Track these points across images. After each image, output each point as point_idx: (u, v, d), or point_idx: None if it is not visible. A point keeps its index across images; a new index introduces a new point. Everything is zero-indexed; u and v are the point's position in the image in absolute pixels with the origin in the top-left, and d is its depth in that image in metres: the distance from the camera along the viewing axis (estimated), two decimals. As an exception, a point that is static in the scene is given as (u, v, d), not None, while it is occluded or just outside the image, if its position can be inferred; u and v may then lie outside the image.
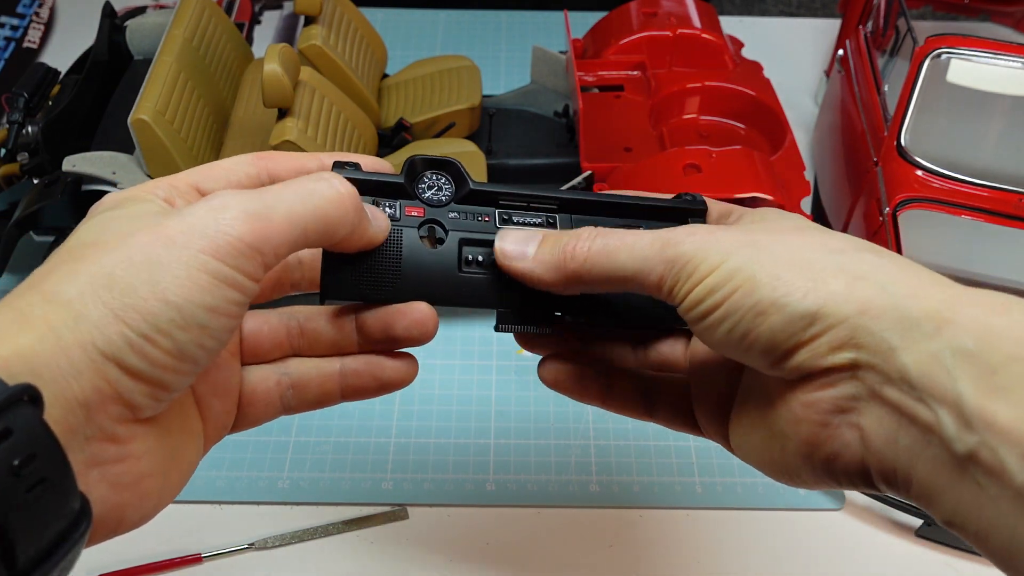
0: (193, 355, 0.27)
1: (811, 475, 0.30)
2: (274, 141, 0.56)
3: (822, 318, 0.27)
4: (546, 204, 0.36)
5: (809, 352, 0.28)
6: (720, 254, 0.29)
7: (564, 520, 0.55)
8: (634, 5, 0.76)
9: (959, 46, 0.59)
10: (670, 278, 0.30)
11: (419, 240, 0.34)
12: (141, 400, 0.26)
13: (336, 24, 0.67)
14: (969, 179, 0.57)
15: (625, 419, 0.59)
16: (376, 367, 0.35)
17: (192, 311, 0.26)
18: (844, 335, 0.27)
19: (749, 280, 0.28)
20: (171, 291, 0.25)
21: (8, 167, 0.63)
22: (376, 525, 0.54)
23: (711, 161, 0.60)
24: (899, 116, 0.59)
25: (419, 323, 0.33)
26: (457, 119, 0.69)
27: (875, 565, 0.53)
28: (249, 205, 0.27)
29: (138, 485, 0.28)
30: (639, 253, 0.31)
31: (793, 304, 0.28)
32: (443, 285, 0.35)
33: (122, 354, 0.25)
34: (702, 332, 0.30)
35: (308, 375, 0.35)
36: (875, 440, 0.27)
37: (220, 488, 0.55)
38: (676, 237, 0.30)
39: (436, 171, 0.35)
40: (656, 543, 0.54)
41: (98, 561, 0.51)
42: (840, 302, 0.27)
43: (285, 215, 0.28)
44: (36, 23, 0.92)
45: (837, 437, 0.28)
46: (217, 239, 0.26)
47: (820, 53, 0.91)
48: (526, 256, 0.33)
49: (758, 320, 0.28)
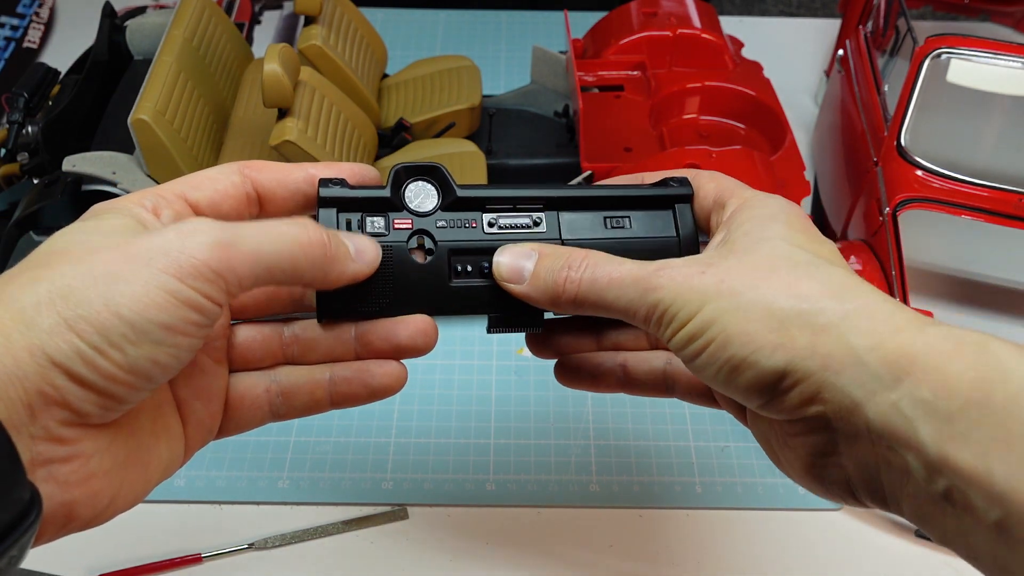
0: (146, 370, 0.27)
1: (811, 488, 0.32)
2: (274, 141, 0.56)
3: (790, 374, 0.29)
4: (531, 204, 0.36)
5: (782, 405, 0.29)
6: (696, 303, 0.30)
7: (564, 520, 0.55)
8: (634, 5, 0.76)
9: (959, 46, 0.59)
10: (653, 321, 0.31)
11: (409, 254, 0.35)
12: (89, 408, 0.27)
13: (336, 24, 0.67)
14: (969, 179, 0.57)
15: (625, 419, 0.59)
16: (366, 374, 0.35)
17: (145, 327, 0.26)
18: (811, 390, 0.28)
19: (722, 334, 0.29)
20: (126, 306, 0.26)
21: (8, 167, 0.63)
22: (376, 525, 0.54)
23: (711, 161, 0.60)
24: (899, 116, 0.59)
25: (422, 332, 0.35)
26: (457, 119, 0.69)
27: (875, 565, 0.53)
28: (219, 233, 0.28)
29: (87, 484, 0.28)
30: (624, 295, 0.32)
31: (762, 362, 0.29)
32: (436, 296, 0.35)
33: (70, 363, 0.26)
34: (694, 371, 0.32)
35: (298, 382, 0.35)
36: (860, 477, 0.29)
37: (220, 488, 0.55)
38: (656, 281, 0.31)
39: (421, 178, 0.36)
40: (656, 543, 0.54)
41: (98, 561, 0.51)
42: (805, 357, 0.28)
43: (252, 249, 0.28)
44: (36, 23, 0.92)
45: (826, 473, 0.30)
46: (180, 260, 0.27)
47: (820, 53, 0.91)
48: (523, 279, 0.34)
49: (734, 374, 0.30)
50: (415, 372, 0.62)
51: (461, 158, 0.65)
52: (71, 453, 0.27)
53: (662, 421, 0.59)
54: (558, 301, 0.33)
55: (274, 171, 0.34)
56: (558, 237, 0.36)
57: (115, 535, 0.53)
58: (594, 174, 0.63)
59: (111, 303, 0.26)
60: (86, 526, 0.29)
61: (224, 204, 0.33)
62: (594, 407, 0.60)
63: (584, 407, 0.60)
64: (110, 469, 0.29)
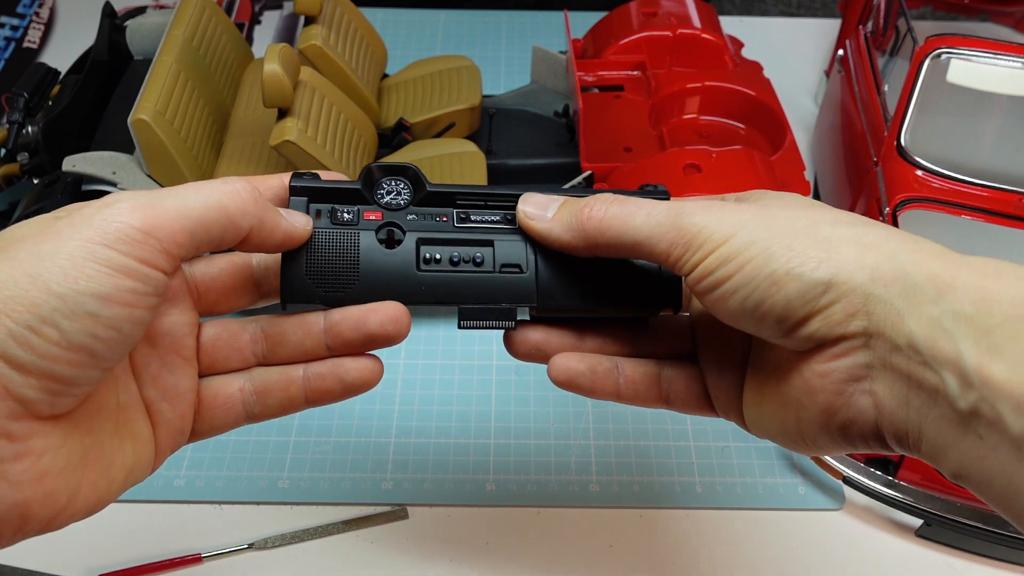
0: (87, 345, 0.26)
1: (827, 441, 0.31)
2: (274, 141, 0.56)
3: (835, 286, 0.29)
4: (503, 202, 0.36)
5: (823, 320, 0.29)
6: (733, 226, 0.30)
7: (564, 520, 0.55)
8: (634, 5, 0.76)
9: (959, 46, 0.59)
10: (680, 246, 0.31)
11: (377, 242, 0.35)
12: (33, 395, 0.26)
13: (336, 24, 0.67)
14: (969, 179, 0.57)
15: (625, 419, 0.59)
16: (340, 369, 0.35)
17: (77, 299, 0.26)
18: (857, 302, 0.28)
19: (764, 251, 0.29)
20: (54, 281, 0.26)
21: (8, 167, 0.63)
22: (376, 525, 0.54)
23: (711, 161, 0.60)
24: (899, 116, 0.59)
25: (393, 319, 0.34)
26: (457, 119, 0.69)
27: (875, 565, 0.53)
28: (139, 198, 0.28)
29: (40, 483, 0.27)
30: (653, 219, 0.32)
31: (807, 273, 0.29)
32: (402, 284, 0.35)
33: (6, 347, 0.25)
34: (714, 303, 0.31)
35: (271, 380, 0.35)
36: (888, 404, 0.29)
37: (220, 488, 0.55)
38: (688, 208, 0.31)
39: (394, 177, 0.36)
40: (656, 543, 0.54)
41: (98, 561, 0.51)
42: (852, 270, 0.28)
43: (177, 205, 0.28)
44: (36, 23, 0.92)
45: (852, 404, 0.30)
46: (104, 227, 0.27)
47: (820, 53, 0.91)
48: (545, 217, 0.35)
49: (773, 289, 0.29)
50: (415, 372, 0.62)
51: (461, 158, 0.65)
52: (21, 451, 0.26)
53: (662, 421, 0.59)
54: (579, 231, 0.33)
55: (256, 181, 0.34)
56: (527, 237, 0.36)
57: (115, 535, 0.53)
58: (594, 174, 0.63)
59: (38, 280, 0.25)
60: (44, 529, 0.28)
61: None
62: (594, 407, 0.60)
63: (584, 407, 0.60)
64: (64, 468, 0.28)
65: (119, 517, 0.54)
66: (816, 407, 0.31)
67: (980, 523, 0.51)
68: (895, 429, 0.29)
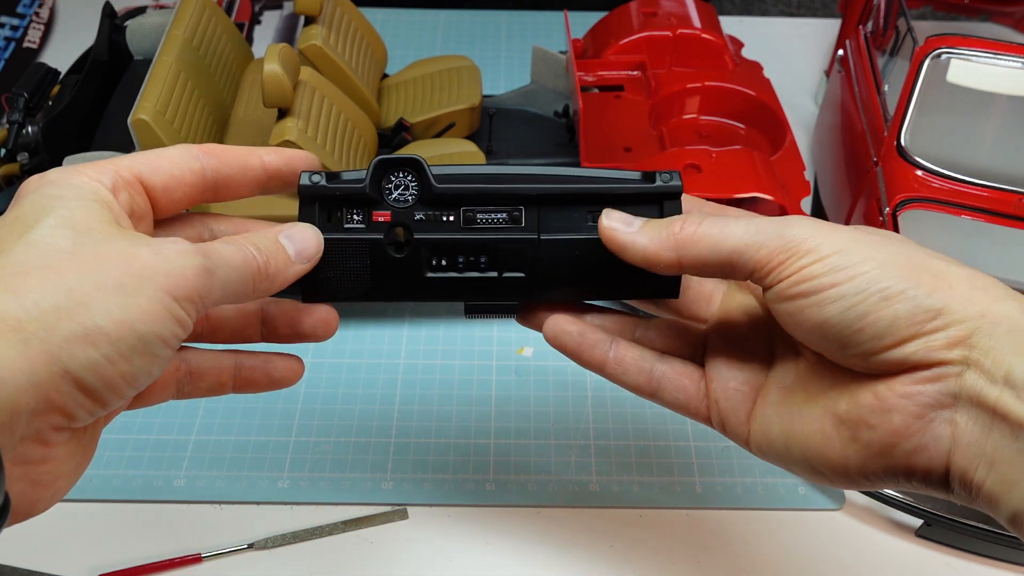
0: (141, 380, 0.29)
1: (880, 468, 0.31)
2: (274, 141, 0.56)
3: (946, 314, 0.29)
4: (509, 202, 0.37)
5: (924, 343, 0.30)
6: (841, 242, 0.31)
7: (564, 520, 0.55)
8: (634, 5, 0.76)
9: (959, 46, 0.59)
10: (782, 253, 0.31)
11: (386, 247, 0.37)
12: (81, 414, 0.28)
13: (336, 24, 0.67)
14: (969, 179, 0.57)
15: (625, 419, 0.59)
16: (269, 364, 0.38)
17: (151, 340, 0.28)
18: (963, 334, 0.29)
19: (878, 268, 0.30)
20: (138, 320, 0.27)
21: (8, 167, 0.63)
22: (376, 525, 0.54)
23: (711, 161, 0.60)
24: (899, 116, 0.59)
25: (324, 322, 0.37)
26: (457, 119, 0.69)
27: (875, 565, 0.53)
28: (204, 260, 0.30)
29: (54, 484, 0.29)
30: (753, 227, 0.32)
31: (921, 297, 0.30)
32: (410, 285, 0.37)
33: (83, 373, 0.27)
34: (803, 308, 0.31)
35: (204, 365, 0.37)
36: (966, 436, 0.29)
37: (220, 488, 0.55)
38: (794, 221, 0.32)
39: (402, 169, 0.37)
40: (656, 543, 0.54)
41: (98, 561, 0.51)
42: (964, 303, 0.30)
43: (223, 279, 0.31)
44: (36, 23, 0.92)
45: (929, 430, 0.30)
46: (179, 282, 0.29)
47: (820, 53, 0.91)
48: (630, 230, 0.35)
49: (882, 304, 0.30)
50: (415, 372, 0.62)
51: (461, 158, 0.65)
52: (48, 455, 0.28)
53: (662, 421, 0.59)
54: (671, 242, 0.33)
55: (234, 159, 0.35)
56: (536, 235, 0.37)
57: (115, 535, 0.53)
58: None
59: (126, 316, 0.27)
60: (28, 519, 0.30)
61: (178, 191, 0.34)
62: (594, 407, 0.60)
63: (584, 407, 0.60)
64: (71, 471, 0.30)
65: (119, 517, 0.54)
66: (887, 427, 0.30)
67: (980, 523, 0.51)
68: (966, 462, 0.29)
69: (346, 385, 0.61)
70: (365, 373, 0.62)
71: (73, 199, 0.30)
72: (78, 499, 0.54)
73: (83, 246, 0.28)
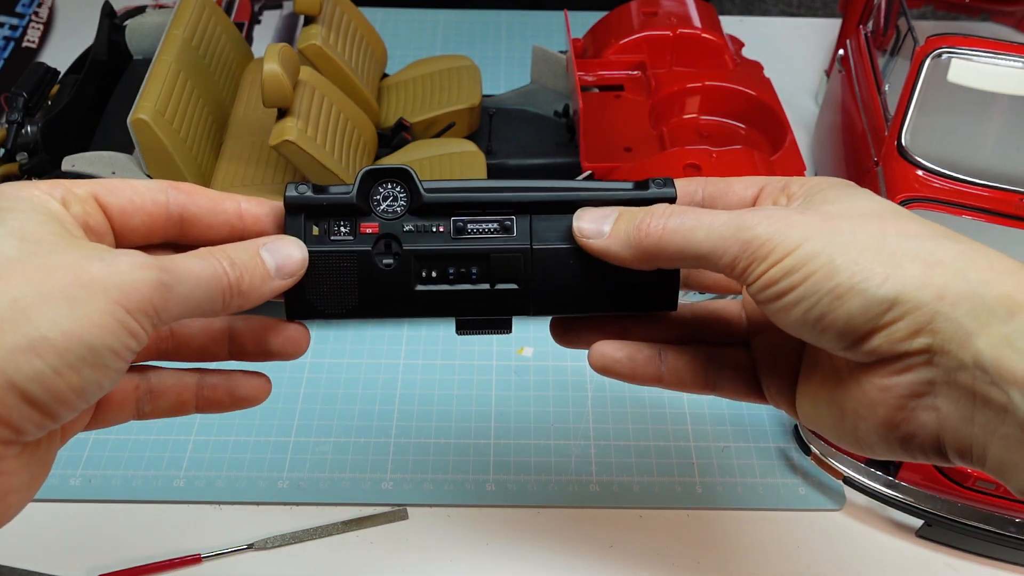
0: (91, 393, 0.28)
1: (887, 450, 0.31)
2: (274, 141, 0.56)
3: (900, 303, 0.28)
4: (500, 211, 0.36)
5: (886, 337, 0.29)
6: (796, 237, 0.30)
7: (564, 520, 0.55)
8: (634, 5, 0.76)
9: (959, 46, 0.59)
10: (744, 259, 0.31)
11: (374, 260, 0.35)
12: (29, 427, 0.27)
13: (336, 24, 0.67)
14: (969, 179, 0.57)
15: (625, 419, 0.59)
16: (233, 383, 0.36)
17: (101, 351, 0.27)
18: (922, 321, 0.28)
19: (827, 264, 0.29)
20: (88, 331, 0.27)
21: (7, 167, 0.63)
22: (376, 525, 0.54)
23: (711, 161, 0.60)
24: (899, 116, 0.59)
25: (293, 340, 0.36)
26: (457, 119, 0.69)
27: (875, 565, 0.53)
28: (161, 275, 0.29)
29: (4, 499, 0.28)
30: (715, 232, 0.31)
31: (872, 289, 0.28)
32: (400, 300, 0.36)
33: (29, 385, 0.26)
34: (775, 313, 0.31)
35: (165, 384, 0.36)
36: (951, 420, 0.29)
37: (220, 488, 0.55)
38: (751, 220, 0.31)
39: (390, 180, 0.36)
40: (656, 543, 0.54)
41: (98, 561, 0.51)
42: (918, 287, 0.28)
43: (184, 295, 0.30)
44: (35, 23, 0.92)
45: (914, 419, 0.30)
46: (131, 294, 0.28)
47: (820, 53, 0.91)
48: (603, 234, 0.34)
49: (835, 304, 0.29)
50: (415, 372, 0.62)
51: (461, 158, 0.65)
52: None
53: (662, 421, 0.59)
54: (639, 248, 0.33)
55: (204, 199, 0.34)
56: (528, 244, 0.36)
57: (115, 535, 0.53)
58: (594, 174, 0.63)
59: (73, 328, 0.26)
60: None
61: (136, 218, 0.33)
62: (594, 407, 0.60)
63: (584, 407, 0.60)
64: (24, 485, 0.29)
65: (119, 517, 0.54)
66: (876, 419, 0.30)
67: (980, 523, 0.51)
68: (958, 444, 0.29)
69: (346, 385, 0.61)
70: (365, 373, 0.62)
71: (22, 211, 0.29)
72: (78, 499, 0.54)
73: (30, 255, 0.27)
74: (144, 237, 0.33)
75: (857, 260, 0.29)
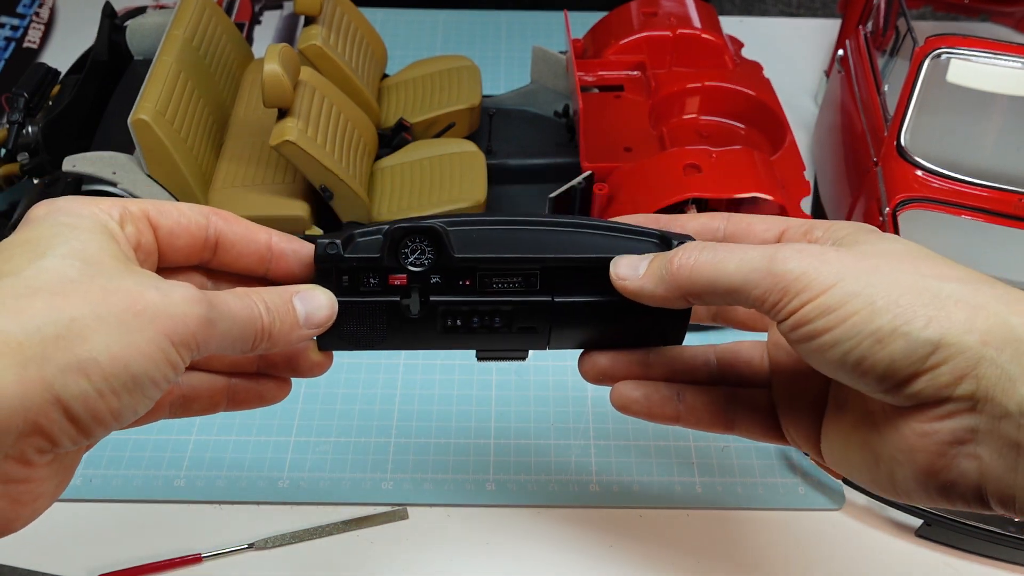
0: (126, 417, 0.29)
1: (925, 497, 0.31)
2: (274, 141, 0.56)
3: (944, 347, 0.28)
4: (528, 267, 0.37)
5: (929, 381, 0.28)
6: (831, 275, 0.29)
7: (564, 520, 0.55)
8: (634, 5, 0.76)
9: (959, 46, 0.59)
10: (776, 293, 0.30)
11: (402, 309, 0.37)
12: (65, 441, 0.28)
13: (336, 24, 0.67)
14: (969, 179, 0.57)
15: (625, 419, 0.59)
16: (261, 387, 0.38)
17: (142, 380, 0.28)
18: (967, 365, 0.28)
19: (868, 306, 0.29)
20: (133, 359, 0.28)
21: (8, 167, 0.63)
22: (376, 525, 0.54)
23: (711, 161, 0.60)
24: (899, 116, 0.59)
25: (320, 365, 0.38)
26: (457, 119, 0.69)
27: (875, 565, 0.53)
28: (207, 310, 0.30)
29: (33, 503, 0.29)
30: (746, 265, 0.31)
31: (915, 332, 0.28)
32: (425, 340, 0.38)
33: (73, 402, 0.27)
34: (810, 353, 0.30)
35: (199, 388, 0.37)
36: (994, 470, 0.28)
37: (220, 488, 0.55)
38: (784, 253, 0.31)
39: (419, 236, 0.36)
40: (656, 543, 0.54)
41: (98, 561, 0.51)
42: (963, 332, 0.28)
43: (223, 332, 0.31)
44: (36, 23, 0.92)
45: (955, 467, 0.29)
46: (178, 328, 0.29)
47: (820, 53, 0.91)
48: (637, 276, 0.35)
49: (877, 347, 0.28)
50: (415, 372, 0.62)
51: (461, 158, 0.65)
52: (30, 476, 0.28)
53: (662, 421, 0.59)
54: (671, 283, 0.33)
55: (240, 227, 0.35)
56: (550, 298, 0.37)
57: (115, 535, 0.53)
58: (594, 174, 0.63)
59: (122, 354, 0.27)
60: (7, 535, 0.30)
61: (180, 239, 0.34)
62: (594, 407, 0.60)
63: (584, 407, 0.60)
64: (52, 491, 0.30)
65: (119, 517, 0.54)
66: (915, 465, 0.30)
67: (980, 523, 0.51)
68: (1001, 494, 0.28)
69: (346, 385, 0.61)
70: (365, 373, 0.62)
71: (84, 230, 0.30)
72: (78, 499, 0.54)
73: (90, 278, 0.28)
74: (184, 258, 0.35)
75: (898, 302, 0.28)
